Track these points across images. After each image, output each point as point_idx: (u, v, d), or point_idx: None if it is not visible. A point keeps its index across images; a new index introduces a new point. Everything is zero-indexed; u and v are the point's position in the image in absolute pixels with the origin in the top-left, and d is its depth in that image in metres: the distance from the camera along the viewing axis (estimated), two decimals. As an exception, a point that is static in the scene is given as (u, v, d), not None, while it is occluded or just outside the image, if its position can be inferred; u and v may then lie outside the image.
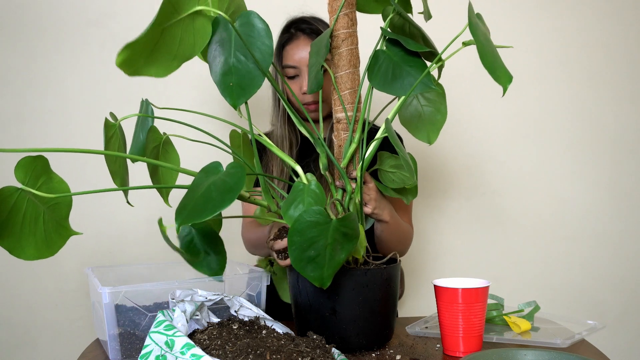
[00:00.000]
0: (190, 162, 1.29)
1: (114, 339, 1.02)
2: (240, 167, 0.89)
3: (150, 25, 0.84)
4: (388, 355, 1.01)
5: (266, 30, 0.94)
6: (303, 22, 1.46)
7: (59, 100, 1.76)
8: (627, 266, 2.05)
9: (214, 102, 1.81)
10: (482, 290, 1.01)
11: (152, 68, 0.89)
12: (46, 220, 0.91)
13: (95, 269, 1.21)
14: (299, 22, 1.47)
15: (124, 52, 0.83)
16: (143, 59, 0.87)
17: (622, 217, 2.05)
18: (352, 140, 1.10)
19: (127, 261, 1.77)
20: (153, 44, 0.87)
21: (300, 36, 1.45)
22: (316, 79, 1.12)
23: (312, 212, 0.93)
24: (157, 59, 0.88)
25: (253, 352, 0.82)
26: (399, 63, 1.03)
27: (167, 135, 1.13)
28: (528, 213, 2.00)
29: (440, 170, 1.97)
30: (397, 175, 1.19)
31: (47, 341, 1.75)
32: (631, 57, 2.05)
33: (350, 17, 1.12)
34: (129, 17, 1.78)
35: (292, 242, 0.91)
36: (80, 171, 1.69)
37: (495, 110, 1.98)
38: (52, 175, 0.90)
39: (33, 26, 1.74)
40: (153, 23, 0.84)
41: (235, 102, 0.94)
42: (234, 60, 0.94)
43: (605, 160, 2.04)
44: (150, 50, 0.87)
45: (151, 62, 0.88)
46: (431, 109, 1.11)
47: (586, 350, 1.05)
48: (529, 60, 1.99)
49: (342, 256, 0.90)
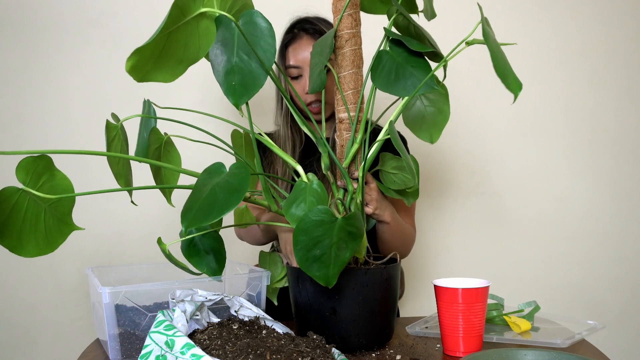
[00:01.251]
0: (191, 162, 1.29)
1: (114, 339, 1.02)
2: (244, 167, 0.89)
3: (159, 29, 0.83)
4: (388, 355, 1.01)
5: (269, 29, 0.94)
6: (306, 22, 1.46)
7: (59, 100, 1.76)
8: (627, 266, 2.05)
9: (214, 101, 1.81)
10: (482, 290, 1.01)
11: (159, 73, 0.88)
12: (47, 218, 0.90)
13: (95, 269, 1.21)
14: (303, 22, 1.47)
15: (133, 58, 0.83)
16: (151, 64, 0.86)
17: (622, 217, 2.05)
18: (354, 140, 1.10)
19: (127, 261, 1.77)
20: (160, 49, 0.86)
21: (304, 36, 1.45)
22: (319, 79, 1.12)
23: (318, 211, 0.93)
24: (164, 64, 0.88)
25: (253, 352, 0.82)
26: (402, 64, 1.03)
27: (169, 136, 1.13)
28: (528, 213, 2.00)
29: (441, 169, 1.97)
30: (398, 177, 1.18)
31: (47, 341, 1.75)
32: (631, 57, 2.05)
33: (354, 17, 1.12)
34: (129, 17, 1.78)
35: (297, 242, 0.91)
36: (81, 171, 1.69)
37: (495, 110, 1.98)
38: (55, 173, 0.89)
39: (33, 26, 1.74)
40: (162, 27, 0.83)
41: (237, 101, 0.94)
42: (237, 60, 0.94)
43: (605, 160, 2.04)
44: (158, 55, 0.86)
45: (158, 68, 0.88)
46: (434, 109, 1.11)
47: (586, 350, 1.05)
48: (529, 60, 1.99)
49: (347, 255, 0.90)
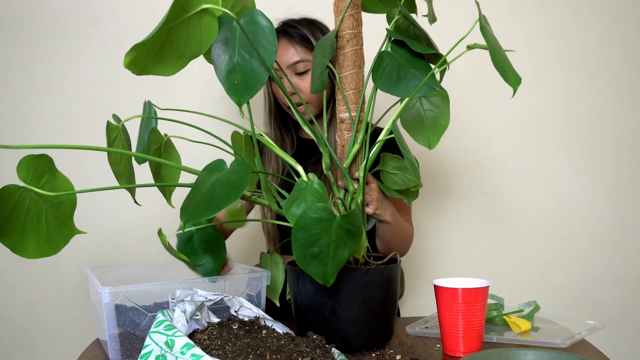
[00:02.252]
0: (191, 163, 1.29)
1: (114, 339, 1.02)
2: (245, 165, 0.89)
3: (160, 25, 0.83)
4: (388, 355, 1.01)
5: (270, 28, 0.94)
6: (288, 26, 1.44)
7: (59, 100, 1.76)
8: (627, 266, 2.05)
9: (214, 102, 1.81)
10: (482, 290, 1.01)
11: (159, 67, 0.89)
12: (49, 219, 0.90)
13: (95, 269, 1.21)
14: (284, 25, 1.45)
15: (131, 53, 0.83)
16: (150, 58, 0.87)
17: (622, 217, 2.05)
18: (355, 140, 1.10)
19: (127, 261, 1.77)
20: (160, 43, 0.87)
21: (282, 39, 1.43)
22: (320, 79, 1.11)
23: (316, 208, 0.93)
24: (164, 57, 0.89)
25: (253, 352, 0.82)
26: (403, 65, 1.03)
27: (169, 137, 1.13)
28: (528, 213, 2.00)
29: (441, 170, 1.97)
30: (399, 177, 1.18)
31: (47, 341, 1.75)
32: (631, 57, 2.05)
33: (356, 17, 1.12)
34: (129, 17, 1.78)
35: (295, 239, 0.91)
36: (82, 171, 1.68)
37: (495, 110, 1.98)
38: (56, 174, 0.89)
39: (33, 26, 1.74)
40: (163, 23, 0.84)
41: (240, 100, 0.95)
42: (238, 59, 0.94)
43: (605, 160, 2.04)
44: (158, 49, 0.87)
45: (158, 61, 0.89)
46: (434, 114, 1.10)
47: (586, 350, 1.05)
48: (529, 60, 1.99)
49: (345, 253, 0.90)
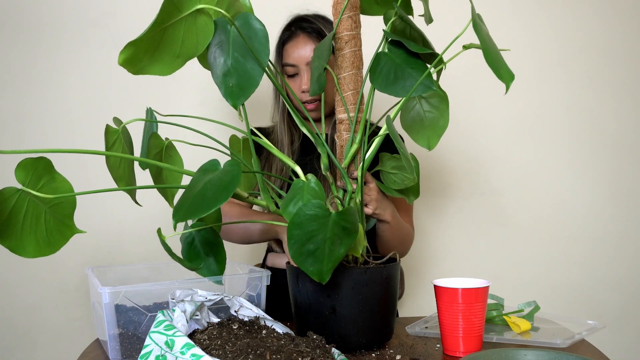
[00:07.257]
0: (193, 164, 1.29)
1: (114, 339, 1.02)
2: (237, 165, 0.90)
3: (152, 23, 0.84)
4: (388, 355, 1.01)
5: (263, 31, 0.96)
6: (304, 21, 1.46)
7: (59, 100, 1.76)
8: (627, 266, 2.05)
9: (214, 103, 1.81)
10: (482, 290, 1.01)
11: (156, 66, 0.90)
12: (48, 219, 0.90)
13: (95, 269, 1.21)
14: (300, 21, 1.46)
15: (126, 51, 0.84)
16: (147, 57, 0.88)
17: (622, 217, 2.05)
18: (353, 140, 1.10)
19: (127, 261, 1.77)
20: (156, 43, 0.88)
21: (300, 35, 1.44)
22: (318, 82, 1.12)
23: (312, 205, 0.93)
24: (160, 57, 0.90)
25: (253, 352, 0.82)
26: (401, 65, 1.04)
27: (170, 140, 1.13)
28: (528, 213, 2.00)
29: (440, 170, 1.97)
30: (398, 177, 1.18)
31: (47, 341, 1.75)
32: (631, 57, 2.05)
33: (354, 19, 1.13)
34: (129, 17, 1.78)
35: (291, 236, 0.91)
36: (81, 173, 1.69)
37: (495, 110, 1.98)
38: (55, 176, 0.89)
39: (33, 26, 1.74)
40: (155, 21, 0.84)
41: (235, 102, 0.95)
42: (232, 61, 0.96)
43: (605, 160, 2.04)
44: (154, 49, 0.88)
45: (155, 61, 0.90)
46: (433, 115, 1.11)
47: (586, 350, 1.05)
48: (529, 60, 1.99)
49: (341, 251, 0.90)
